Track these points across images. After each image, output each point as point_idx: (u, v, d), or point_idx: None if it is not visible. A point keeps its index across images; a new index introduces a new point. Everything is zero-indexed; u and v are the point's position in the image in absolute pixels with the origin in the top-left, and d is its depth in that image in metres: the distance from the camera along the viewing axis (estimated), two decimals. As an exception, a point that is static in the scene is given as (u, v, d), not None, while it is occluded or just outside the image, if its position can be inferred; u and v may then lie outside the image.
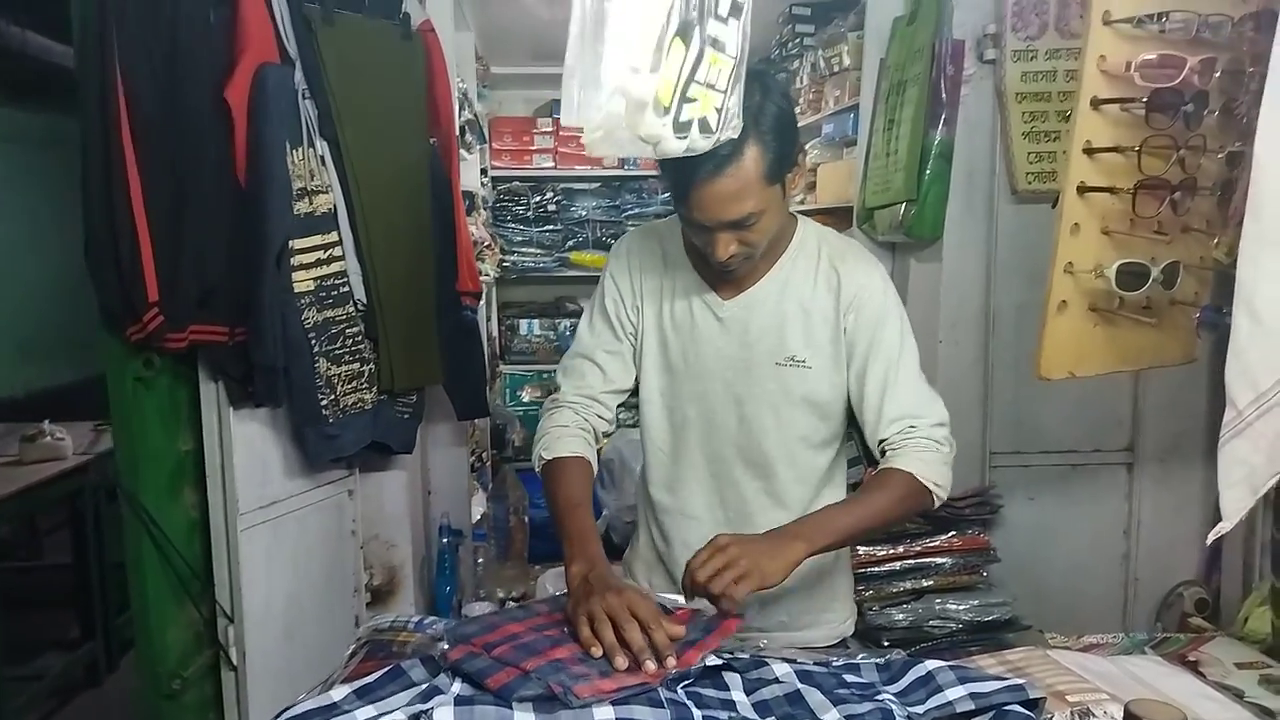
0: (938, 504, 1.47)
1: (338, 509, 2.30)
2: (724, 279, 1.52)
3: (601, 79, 0.90)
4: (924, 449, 1.47)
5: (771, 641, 1.50)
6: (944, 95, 2.31)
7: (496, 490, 3.08)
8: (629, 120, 0.94)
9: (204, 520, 2.00)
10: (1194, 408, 2.44)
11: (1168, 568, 2.48)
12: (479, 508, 3.00)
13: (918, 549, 2.23)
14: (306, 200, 1.94)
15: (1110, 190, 1.59)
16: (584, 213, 4.22)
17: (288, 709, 1.18)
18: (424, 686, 1.17)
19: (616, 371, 1.60)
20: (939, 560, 2.22)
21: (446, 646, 1.22)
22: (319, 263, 1.97)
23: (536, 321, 4.31)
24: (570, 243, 4.21)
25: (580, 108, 0.96)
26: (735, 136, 1.17)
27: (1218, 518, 2.41)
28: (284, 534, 2.13)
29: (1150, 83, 1.53)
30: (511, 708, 1.12)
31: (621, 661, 1.18)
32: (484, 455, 3.47)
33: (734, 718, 1.17)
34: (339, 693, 1.19)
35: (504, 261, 4.14)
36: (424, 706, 1.12)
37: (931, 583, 2.21)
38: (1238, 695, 1.36)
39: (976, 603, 2.19)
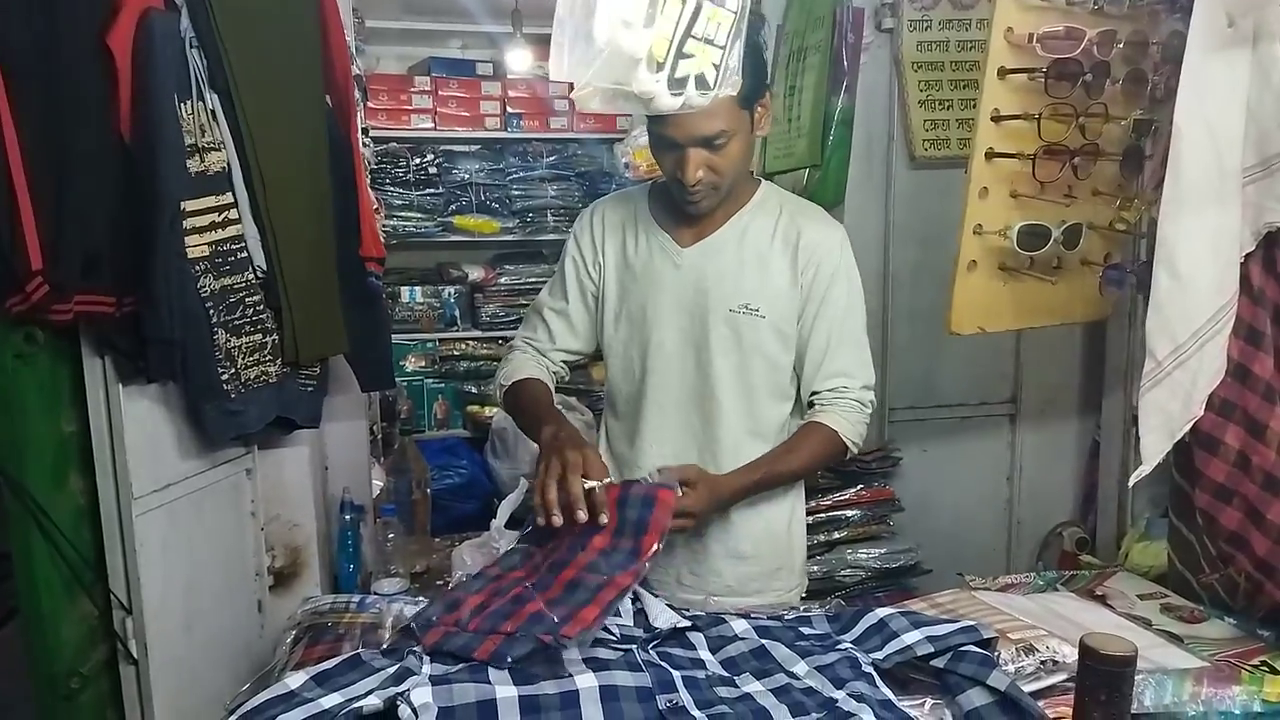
0: (848, 457, 1.61)
1: (235, 489, 2.17)
2: (688, 216, 1.54)
3: (593, 33, 0.87)
4: (851, 409, 1.57)
5: (718, 606, 1.53)
6: (845, 63, 2.36)
7: (396, 463, 2.98)
8: (621, 76, 0.91)
9: (93, 507, 1.84)
10: (1069, 363, 2.62)
11: (1047, 510, 2.67)
12: (376, 481, 2.90)
13: (828, 503, 2.32)
14: (198, 158, 1.79)
15: (1016, 156, 1.68)
16: (466, 176, 4.09)
17: (241, 705, 1.11)
18: (394, 669, 1.13)
19: (561, 331, 1.66)
20: (848, 513, 2.32)
21: (419, 637, 1.18)
22: (214, 226, 1.82)
23: (419, 288, 4.17)
24: (453, 207, 4.08)
25: (570, 62, 0.92)
26: (734, 93, 1.17)
27: (1093, 464, 2.61)
28: (180, 518, 1.99)
29: (1051, 53, 1.62)
30: (490, 682, 1.10)
31: (556, 520, 1.28)
32: (374, 427, 3.35)
33: (711, 674, 1.19)
34: (295, 680, 1.13)
35: (384, 226, 3.97)
36: (399, 689, 1.08)
37: (843, 534, 2.30)
38: (1146, 624, 1.48)
39: (883, 551, 2.30)
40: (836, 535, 2.29)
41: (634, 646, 1.21)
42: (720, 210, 1.55)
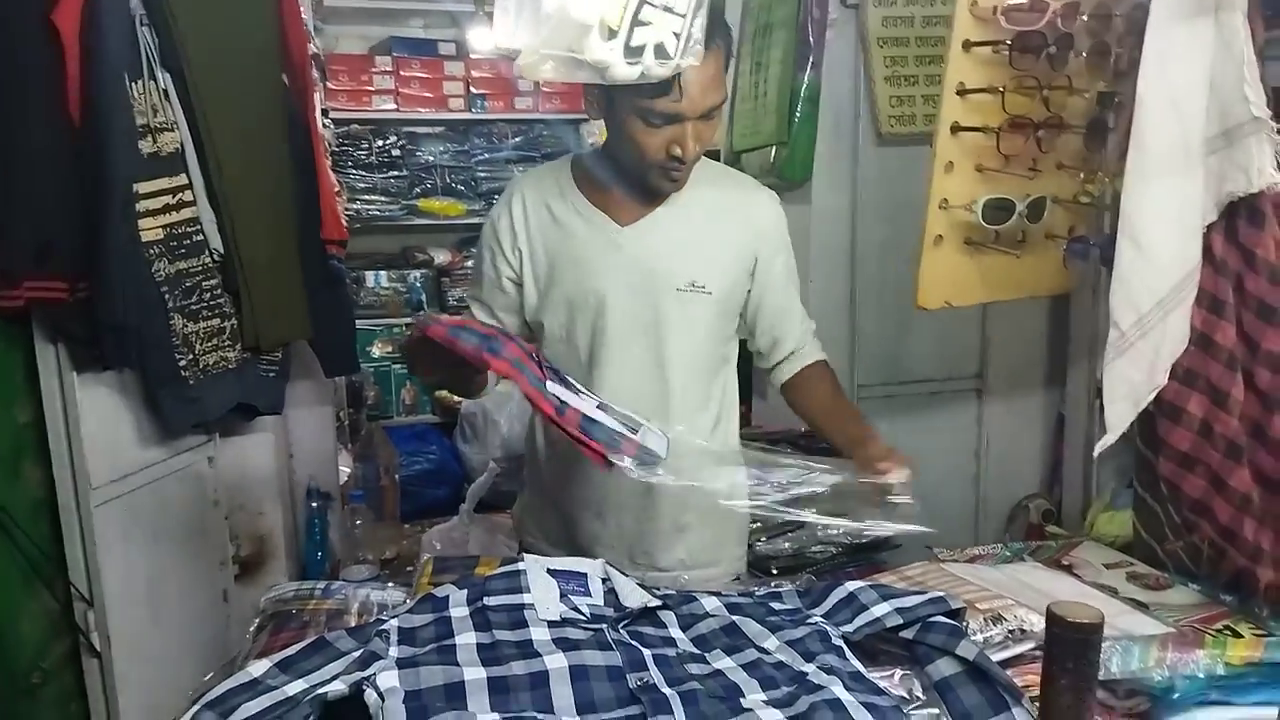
0: None
1: (197, 478, 2.13)
2: (623, 192, 1.51)
3: (540, -2, 0.84)
4: (817, 347, 1.69)
5: (673, 582, 1.52)
6: (811, 39, 2.35)
7: (364, 450, 2.95)
8: (573, 43, 0.88)
9: (51, 498, 1.81)
10: (1034, 338, 2.64)
11: (1013, 483, 2.70)
12: (343, 468, 2.86)
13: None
14: (150, 139, 1.75)
15: (982, 130, 1.67)
16: (431, 158, 4.03)
17: (203, 694, 1.09)
18: (359, 653, 1.11)
19: (483, 317, 1.59)
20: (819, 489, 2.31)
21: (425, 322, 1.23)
22: (168, 209, 1.79)
23: (384, 273, 4.11)
24: (418, 189, 4.02)
25: (518, 29, 0.89)
26: (696, 64, 1.15)
27: (1059, 437, 2.63)
28: (141, 508, 1.95)
29: (1015, 25, 1.61)
30: (459, 663, 1.08)
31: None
32: (340, 414, 3.31)
33: (682, 652, 1.18)
34: (258, 667, 1.11)
35: (347, 210, 3.90)
36: (365, 673, 1.06)
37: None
38: (1113, 593, 1.50)
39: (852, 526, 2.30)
40: (806, 512, 2.30)
41: (604, 626, 1.20)
42: None
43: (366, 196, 3.97)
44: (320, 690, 1.04)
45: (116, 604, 1.87)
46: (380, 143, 3.96)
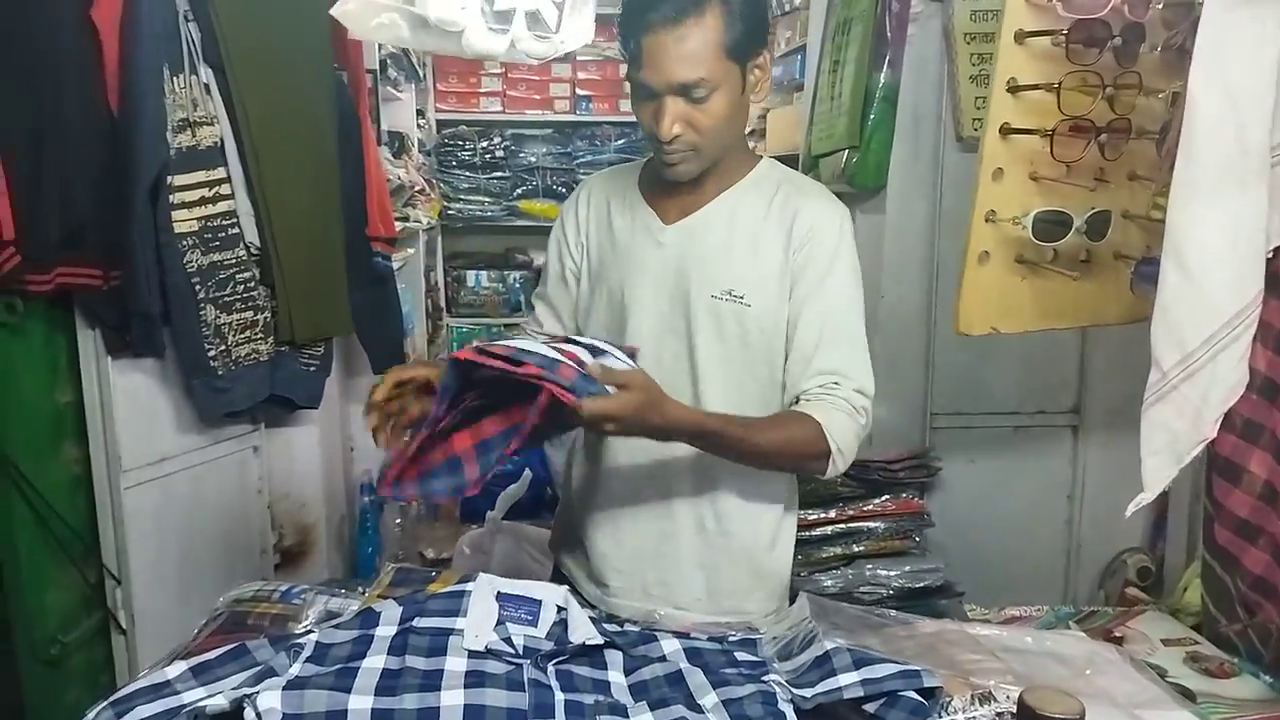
0: (829, 474, 1.35)
1: (240, 466, 2.18)
2: (675, 190, 1.40)
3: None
4: (841, 408, 1.35)
5: (686, 620, 1.40)
6: (889, 34, 2.16)
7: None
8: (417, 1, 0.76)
9: (88, 477, 1.87)
10: (1142, 368, 2.34)
11: (1112, 534, 2.40)
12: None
13: (850, 513, 2.14)
14: (189, 132, 1.79)
15: (1036, 132, 1.47)
16: (534, 159, 4.04)
17: (122, 688, 1.07)
18: (259, 667, 1.06)
19: (543, 314, 1.56)
20: (871, 524, 2.13)
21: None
22: (203, 201, 1.82)
23: (485, 273, 4.15)
24: (519, 191, 4.04)
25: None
26: (587, 42, 1.04)
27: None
28: (175, 492, 2.01)
29: (1074, 14, 1.40)
30: (349, 690, 1.02)
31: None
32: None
33: (601, 700, 1.07)
34: (174, 670, 1.08)
35: (449, 209, 3.97)
36: (251, 690, 1.01)
37: (863, 548, 2.11)
38: (1160, 674, 1.28)
39: (908, 568, 2.10)
40: (856, 548, 2.11)
41: (527, 662, 1.11)
42: (710, 185, 1.40)
43: (470, 197, 4.02)
44: (201, 703, 1.00)
45: (144, 583, 1.92)
46: (485, 144, 4.00)
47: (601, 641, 1.17)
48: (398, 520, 2.44)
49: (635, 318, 1.43)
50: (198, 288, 1.82)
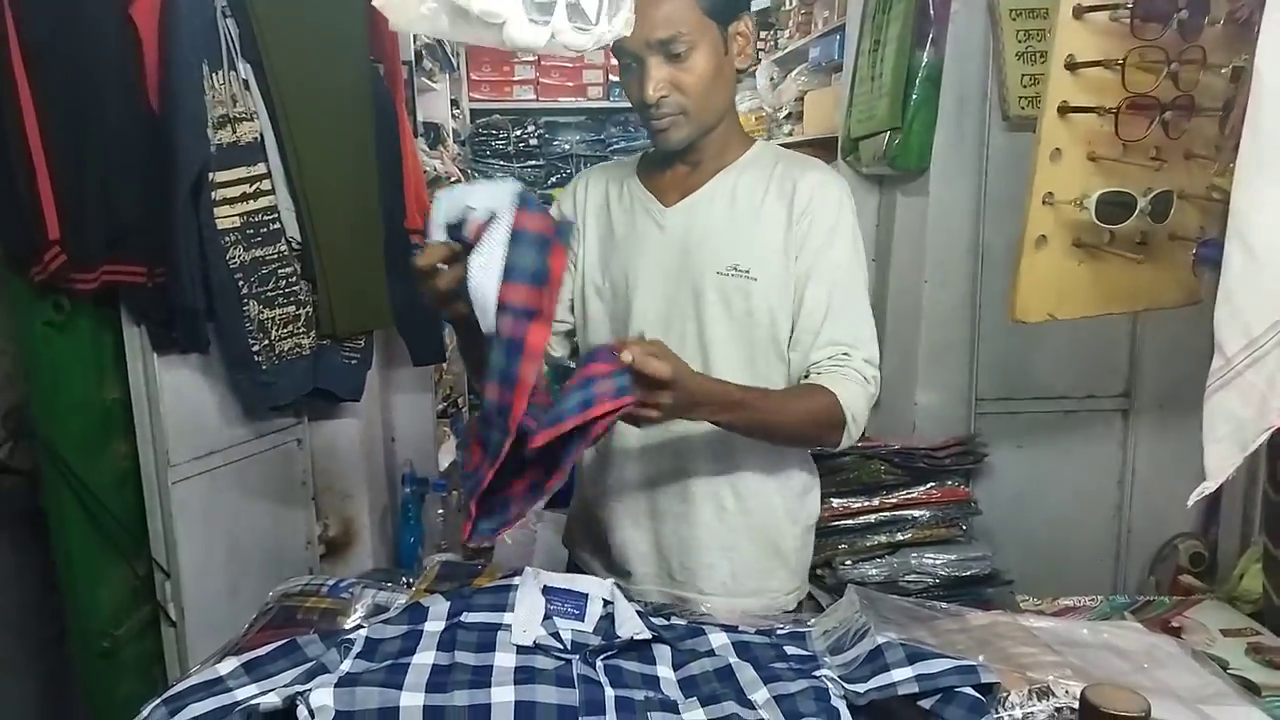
0: (843, 444, 1.37)
1: (285, 458, 2.20)
2: (673, 171, 1.41)
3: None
4: (853, 379, 1.36)
5: (710, 607, 1.40)
6: (932, 12, 2.12)
7: (467, 438, 2.97)
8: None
9: (136, 472, 1.90)
10: (1197, 352, 2.26)
11: (1163, 520, 2.35)
12: (449, 456, 2.89)
13: (894, 501, 2.11)
14: (229, 129, 1.79)
15: (1096, 110, 1.43)
16: (567, 147, 4.03)
17: (175, 685, 1.08)
18: (310, 664, 1.07)
19: None
20: (916, 513, 2.10)
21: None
22: (245, 197, 1.82)
23: (519, 262, 4.15)
24: (553, 179, 4.04)
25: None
26: (628, 34, 1.03)
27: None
28: (223, 485, 2.03)
29: (1137, -14, 1.36)
30: (400, 687, 1.02)
31: None
32: (459, 401, 3.36)
33: (651, 697, 1.06)
34: (226, 666, 1.09)
35: (484, 199, 3.95)
36: (304, 687, 1.02)
37: (908, 536, 2.09)
38: (1221, 666, 1.25)
39: (954, 557, 2.07)
40: (901, 536, 2.08)
41: (576, 658, 1.10)
42: (707, 164, 1.42)
43: (504, 185, 4.01)
44: (254, 700, 1.01)
45: (193, 576, 1.95)
46: (519, 132, 3.99)
47: (648, 636, 1.16)
48: (439, 511, 2.45)
49: (640, 302, 1.43)
50: (240, 283, 1.83)
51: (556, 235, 1.04)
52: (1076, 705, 1.07)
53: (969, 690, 1.05)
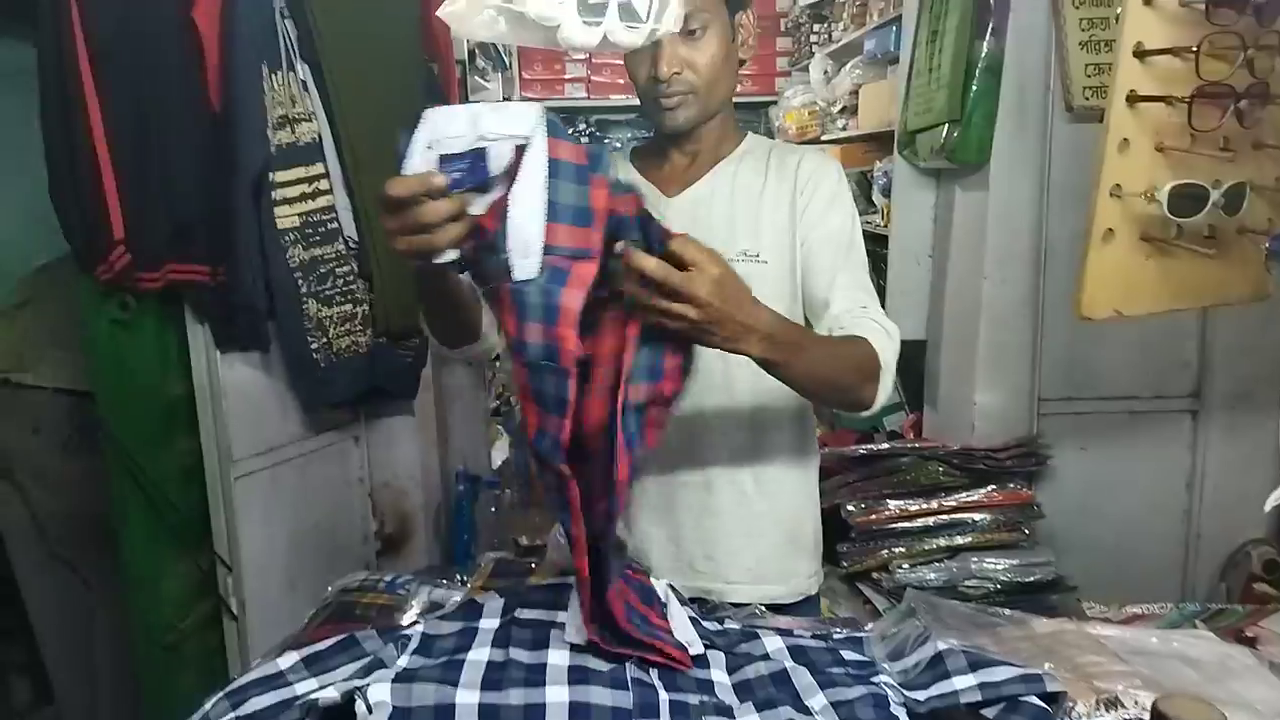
0: (875, 402, 1.29)
1: (342, 455, 2.23)
2: (672, 164, 1.41)
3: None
4: (878, 332, 1.31)
5: (737, 594, 1.41)
6: (992, 1, 2.07)
7: (521, 436, 2.99)
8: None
9: (199, 468, 1.94)
10: (1270, 350, 2.20)
11: (1235, 525, 2.27)
12: (501, 454, 2.91)
13: (953, 503, 2.07)
14: (288, 129, 1.82)
15: (1166, 100, 1.38)
16: (619, 144, 4.03)
17: (237, 680, 1.10)
18: (368, 659, 1.07)
19: None
20: (976, 516, 2.06)
21: None
22: (304, 197, 1.85)
23: (572, 260, 4.16)
24: (605, 177, 4.04)
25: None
26: (675, 30, 1.01)
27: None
28: (283, 481, 2.06)
29: (1214, -31, 1.31)
30: (456, 684, 1.02)
31: None
32: (512, 400, 3.37)
33: (706, 701, 1.05)
34: (286, 660, 1.09)
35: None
36: (362, 682, 1.02)
37: (968, 540, 2.05)
38: (1301, 680, 1.20)
39: (1016, 562, 2.03)
40: (960, 540, 2.04)
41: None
42: (705, 156, 1.42)
43: (557, 184, 4.02)
44: (313, 695, 1.02)
45: (254, 570, 1.98)
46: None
47: (700, 651, 1.14)
48: (493, 508, 2.46)
49: None
50: (300, 282, 1.85)
51: (594, 165, 0.92)
52: (1147, 717, 1.04)
53: (1034, 700, 1.02)
